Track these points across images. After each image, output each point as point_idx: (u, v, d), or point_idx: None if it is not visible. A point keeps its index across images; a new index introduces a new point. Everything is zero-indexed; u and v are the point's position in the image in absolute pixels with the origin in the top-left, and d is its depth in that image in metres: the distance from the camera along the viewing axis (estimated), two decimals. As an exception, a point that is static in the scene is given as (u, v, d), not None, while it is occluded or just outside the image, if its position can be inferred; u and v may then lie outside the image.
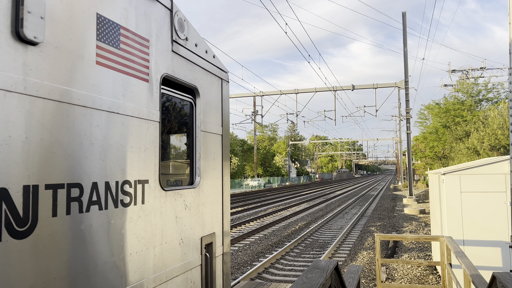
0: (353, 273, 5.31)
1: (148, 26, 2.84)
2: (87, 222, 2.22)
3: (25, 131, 1.87)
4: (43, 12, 1.97)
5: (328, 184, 70.91)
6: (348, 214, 23.57)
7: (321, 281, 3.33)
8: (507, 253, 8.21)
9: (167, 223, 3.00)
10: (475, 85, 36.88)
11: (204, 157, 3.58)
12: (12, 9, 1.83)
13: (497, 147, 26.31)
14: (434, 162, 38.17)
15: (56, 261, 2.01)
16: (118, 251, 2.46)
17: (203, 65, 3.63)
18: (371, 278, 10.01)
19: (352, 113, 38.70)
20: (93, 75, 2.30)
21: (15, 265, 1.81)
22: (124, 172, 2.53)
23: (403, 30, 27.01)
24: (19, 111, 1.84)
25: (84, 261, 2.18)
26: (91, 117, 2.27)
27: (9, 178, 1.79)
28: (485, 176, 8.43)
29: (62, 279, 2.03)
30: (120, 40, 2.55)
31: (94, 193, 2.28)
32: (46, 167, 1.98)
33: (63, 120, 2.09)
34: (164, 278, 2.93)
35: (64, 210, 2.08)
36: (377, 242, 8.36)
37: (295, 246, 14.06)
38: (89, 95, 2.26)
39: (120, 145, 2.50)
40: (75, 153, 2.16)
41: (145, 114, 2.76)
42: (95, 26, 2.34)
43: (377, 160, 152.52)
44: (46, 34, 1.99)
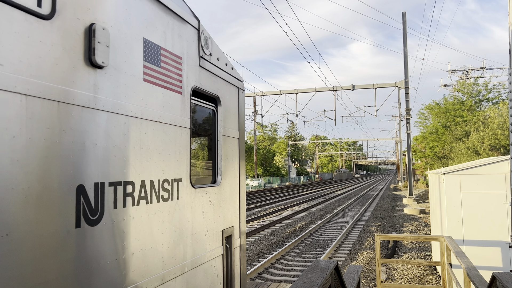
0: (353, 273, 5.31)
1: (181, 46, 3.27)
2: (137, 214, 2.65)
3: (95, 139, 2.29)
4: (108, 41, 2.40)
5: (328, 184, 70.90)
6: (348, 214, 23.57)
7: (321, 281, 3.33)
8: (507, 253, 8.21)
9: (196, 216, 3.43)
10: (475, 85, 36.86)
11: (224, 158, 4.02)
12: (86, 40, 2.24)
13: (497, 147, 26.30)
14: (434, 162, 38.16)
15: (116, 245, 2.45)
16: (161, 240, 2.89)
17: (224, 77, 4.08)
18: (371, 278, 10.01)
19: (352, 113, 38.70)
20: (141, 90, 2.73)
21: (89, 247, 2.23)
22: (164, 172, 2.96)
23: (403, 30, 27.00)
24: (91, 123, 2.26)
25: (134, 246, 2.61)
26: (141, 126, 2.71)
27: (85, 177, 2.21)
28: (485, 176, 8.43)
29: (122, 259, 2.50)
30: (160, 59, 2.98)
31: (143, 189, 2.72)
32: (109, 167, 2.40)
33: (121, 129, 2.52)
34: (194, 264, 3.36)
35: (122, 203, 2.51)
36: (377, 242, 8.36)
37: (295, 246, 14.06)
38: (139, 108, 2.69)
39: (161, 149, 2.93)
40: (129, 156, 2.59)
41: (179, 122, 3.20)
42: (142, 48, 2.77)
43: (377, 160, 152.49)
44: (110, 59, 2.42)
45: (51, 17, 2.05)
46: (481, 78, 40.34)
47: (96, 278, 2.27)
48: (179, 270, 3.12)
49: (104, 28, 2.38)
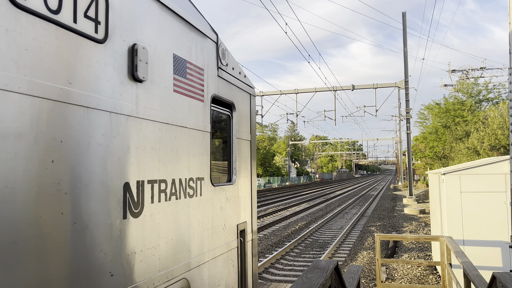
0: (353, 273, 5.31)
1: (203, 58, 3.62)
2: (169, 208, 3.01)
3: (137, 143, 2.66)
4: (147, 58, 2.75)
5: (328, 184, 70.90)
6: (348, 214, 23.57)
7: (321, 281, 3.34)
8: (507, 253, 8.21)
9: (215, 211, 3.79)
10: (475, 85, 36.84)
11: (238, 159, 4.41)
12: (129, 58, 2.60)
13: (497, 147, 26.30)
14: (434, 162, 38.16)
15: (153, 234, 2.81)
16: (187, 231, 3.26)
17: (238, 84, 4.47)
18: (371, 278, 10.01)
19: (352, 113, 38.69)
20: (172, 100, 3.09)
21: (132, 236, 2.60)
22: (190, 171, 3.33)
23: (403, 30, 27.00)
24: (134, 129, 2.62)
25: (167, 236, 2.97)
26: (172, 131, 3.07)
27: (129, 175, 2.57)
28: (485, 176, 8.43)
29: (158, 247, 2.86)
30: (186, 71, 3.34)
31: (173, 187, 3.08)
32: (147, 167, 2.76)
33: (156, 134, 2.88)
34: (215, 254, 3.72)
35: (157, 199, 2.86)
36: (377, 242, 8.36)
37: (295, 246, 14.06)
38: (170, 115, 3.05)
39: (187, 150, 3.29)
40: (163, 157, 2.94)
41: (202, 127, 3.55)
42: (172, 63, 3.12)
43: (377, 160, 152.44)
44: (148, 74, 2.77)
45: (104, 41, 2.41)
46: (481, 78, 40.32)
47: (138, 262, 2.65)
48: (202, 259, 3.49)
49: (144, 47, 2.74)
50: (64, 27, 2.13)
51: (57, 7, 2.09)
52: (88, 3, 2.30)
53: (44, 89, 1.99)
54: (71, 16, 2.18)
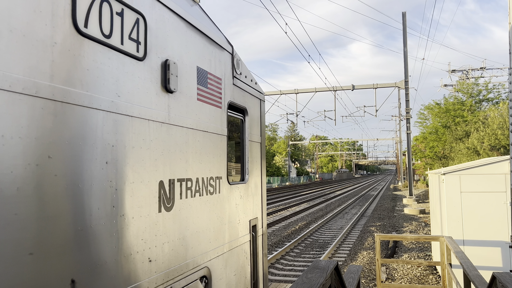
0: (353, 273, 5.31)
1: (220, 69, 3.97)
2: (194, 203, 3.36)
3: (169, 146, 3.02)
4: (177, 72, 3.11)
5: (328, 184, 70.90)
6: (348, 214, 23.57)
7: (321, 281, 3.34)
8: (507, 253, 8.21)
9: (231, 208, 4.14)
10: (475, 85, 36.84)
11: (250, 160, 4.77)
12: (162, 72, 2.96)
13: (497, 147, 26.30)
14: (434, 162, 38.16)
15: (181, 227, 3.17)
16: (208, 225, 3.61)
17: (250, 91, 4.82)
18: (371, 278, 10.01)
19: (352, 113, 38.69)
20: (195, 107, 3.44)
21: (166, 227, 2.95)
22: (210, 171, 3.68)
23: (403, 30, 27.00)
24: (166, 134, 2.99)
25: (192, 229, 3.33)
26: (196, 135, 3.43)
27: (163, 174, 2.93)
28: (485, 176, 8.43)
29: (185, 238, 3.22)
30: (207, 81, 3.67)
31: (197, 185, 3.43)
32: (177, 168, 3.12)
33: (184, 138, 3.25)
34: (231, 246, 4.10)
35: (184, 195, 3.23)
36: (377, 242, 8.36)
37: (295, 246, 14.06)
38: (194, 121, 3.40)
39: (208, 152, 3.64)
40: (189, 159, 3.31)
41: (220, 131, 3.90)
42: (196, 75, 3.46)
43: (377, 160, 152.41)
44: (177, 85, 3.12)
45: (144, 58, 2.75)
46: (481, 78, 40.31)
47: (170, 251, 3.02)
48: (221, 250, 3.85)
49: (174, 62, 3.10)
50: (114, 48, 2.49)
51: (109, 32, 2.44)
52: (131, 26, 2.65)
53: (100, 102, 2.34)
54: (119, 39, 2.54)
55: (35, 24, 1.95)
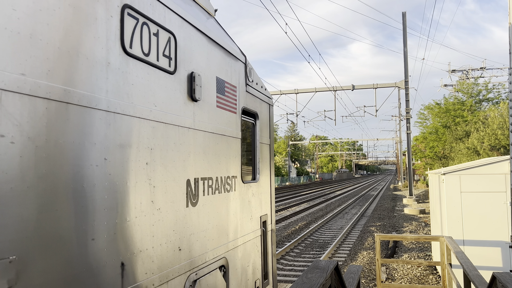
0: (353, 273, 5.31)
1: (235, 77, 4.31)
2: (214, 199, 3.70)
3: (194, 149, 3.38)
4: (201, 83, 3.47)
5: (328, 184, 70.89)
6: (348, 214, 23.57)
7: (321, 281, 3.34)
8: (507, 253, 8.21)
9: (245, 204, 4.49)
10: (475, 85, 36.84)
11: (261, 160, 5.12)
12: (189, 84, 3.32)
13: (497, 147, 26.30)
14: (434, 162, 38.16)
15: (204, 220, 3.50)
16: (226, 219, 3.94)
17: (260, 97, 5.19)
18: (371, 278, 10.01)
19: (352, 113, 38.70)
20: (215, 114, 3.78)
21: (191, 220, 3.29)
22: (227, 171, 4.01)
23: (403, 30, 27.00)
24: (191, 139, 3.33)
25: (213, 222, 3.67)
26: (215, 139, 3.77)
27: (190, 174, 3.29)
28: (485, 176, 8.44)
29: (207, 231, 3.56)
30: (225, 90, 4.02)
31: (216, 183, 3.76)
32: (200, 168, 3.46)
33: (206, 141, 3.56)
34: (245, 240, 4.45)
35: (206, 192, 3.56)
36: (377, 242, 8.36)
37: (295, 246, 14.06)
38: (214, 126, 3.74)
39: (225, 154, 3.98)
40: (210, 160, 3.63)
41: (235, 134, 4.23)
42: (215, 84, 3.80)
43: (377, 160, 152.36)
44: (201, 95, 3.47)
45: (174, 72, 3.10)
46: (481, 78, 40.31)
47: (195, 241, 3.34)
48: (236, 243, 4.20)
49: (199, 74, 3.45)
50: (152, 65, 2.82)
51: (148, 50, 2.78)
52: (164, 45, 2.99)
53: (142, 111, 2.69)
54: (155, 56, 2.86)
55: (95, 48, 2.30)
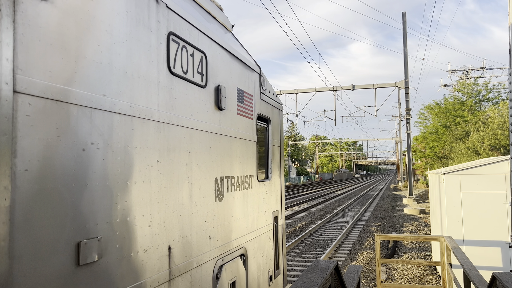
0: (353, 273, 5.31)
1: (252, 87, 4.80)
2: (235, 196, 4.17)
3: (220, 151, 3.83)
4: (226, 94, 3.95)
5: (328, 184, 70.87)
6: (348, 214, 23.57)
7: (321, 281, 3.34)
8: (507, 253, 8.21)
9: (260, 200, 4.96)
10: (475, 85, 36.82)
11: (272, 161, 5.63)
12: (216, 95, 3.78)
13: (497, 147, 26.30)
14: (434, 162, 38.15)
15: (228, 213, 3.98)
16: (245, 213, 4.43)
17: (272, 103, 5.67)
18: (371, 278, 10.01)
19: (352, 113, 38.70)
20: (236, 120, 4.25)
21: (219, 213, 3.78)
22: (245, 170, 4.48)
23: (403, 30, 27.00)
24: (218, 142, 3.80)
25: (234, 215, 4.13)
26: (236, 142, 4.24)
27: (217, 173, 3.76)
28: (485, 176, 8.44)
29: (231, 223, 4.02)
30: (243, 98, 4.49)
31: (237, 181, 4.23)
32: (225, 167, 3.93)
33: (229, 145, 4.05)
34: (260, 232, 4.92)
35: (230, 189, 4.03)
36: (377, 242, 8.36)
37: (295, 246, 14.05)
38: (235, 131, 4.22)
39: (244, 155, 4.44)
40: (232, 160, 4.12)
41: (251, 138, 4.70)
42: (236, 94, 4.27)
43: (377, 160, 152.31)
44: (225, 104, 3.95)
45: (205, 86, 3.57)
46: (481, 78, 40.30)
47: (221, 232, 3.80)
48: (253, 235, 4.68)
49: (224, 86, 3.93)
50: (189, 81, 3.29)
51: (186, 69, 3.26)
52: (198, 63, 3.46)
53: (183, 121, 3.18)
54: (191, 73, 3.34)
55: (150, 70, 2.77)
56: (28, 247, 1.83)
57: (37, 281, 1.84)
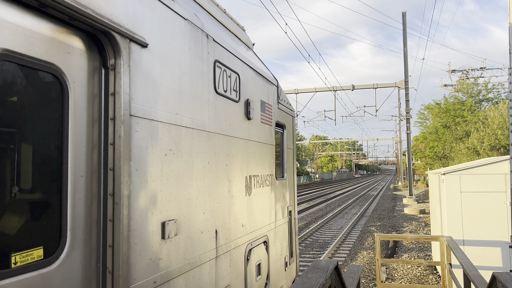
0: (353, 273, 5.31)
1: (271, 98, 5.44)
2: (259, 191, 4.77)
3: (249, 154, 4.46)
4: (253, 106, 4.58)
5: (328, 184, 70.86)
6: (348, 214, 23.57)
7: (321, 281, 3.34)
8: (507, 253, 8.21)
9: (278, 196, 5.58)
10: (475, 85, 36.83)
11: (287, 162, 6.25)
12: (245, 107, 4.38)
13: (497, 147, 26.30)
14: (434, 162, 38.15)
15: (254, 205, 4.59)
16: (266, 207, 5.04)
17: (286, 111, 6.33)
18: (371, 278, 10.01)
19: (352, 113, 38.71)
20: (260, 127, 4.87)
21: (248, 205, 4.40)
22: (266, 170, 5.08)
23: (403, 30, 27.00)
24: (247, 147, 4.42)
25: (258, 208, 4.72)
26: (260, 146, 4.86)
27: (247, 172, 4.39)
28: (485, 176, 8.44)
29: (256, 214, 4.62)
30: (265, 109, 5.12)
31: (261, 179, 4.84)
32: (252, 168, 4.55)
33: (255, 148, 4.67)
34: (278, 224, 5.53)
35: (256, 186, 4.68)
36: (377, 242, 8.36)
37: (295, 246, 14.05)
38: (259, 136, 4.83)
39: (265, 157, 5.04)
40: (257, 161, 4.71)
41: (270, 142, 5.30)
42: (260, 105, 4.90)
43: (377, 160, 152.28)
44: (253, 115, 4.56)
45: (238, 101, 4.21)
46: (481, 78, 40.29)
47: (250, 221, 4.45)
48: (272, 226, 5.27)
49: (252, 100, 4.57)
50: (228, 98, 3.93)
51: (226, 88, 3.90)
52: (234, 82, 4.09)
53: (224, 130, 3.81)
54: (229, 91, 3.99)
55: (203, 92, 3.45)
56: (138, 224, 2.53)
57: (142, 247, 2.57)
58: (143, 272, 2.58)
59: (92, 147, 2.36)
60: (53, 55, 2.12)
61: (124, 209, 2.40)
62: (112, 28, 2.36)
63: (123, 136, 2.42)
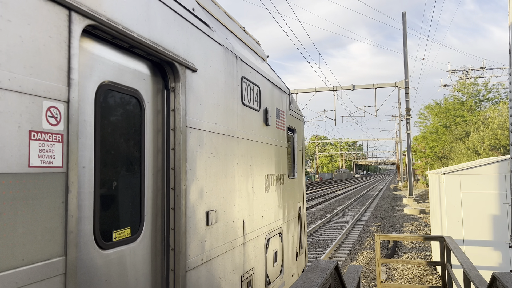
0: (353, 273, 5.31)
1: (284, 105, 5.94)
2: (274, 188, 5.26)
3: (267, 155, 4.99)
4: (270, 114, 5.07)
5: (328, 184, 70.83)
6: (348, 214, 23.57)
7: (321, 281, 3.34)
8: (507, 253, 8.21)
9: (290, 193, 6.11)
10: (475, 85, 36.80)
11: (297, 162, 6.87)
12: (263, 115, 4.90)
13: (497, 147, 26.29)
14: (434, 162, 38.14)
15: (271, 201, 5.11)
16: (281, 202, 5.54)
17: (297, 116, 6.93)
18: (371, 278, 10.01)
19: (352, 113, 38.71)
20: (275, 132, 5.38)
21: (267, 200, 4.95)
22: (280, 170, 5.57)
23: (403, 30, 27.00)
24: (265, 149, 4.92)
25: (274, 204, 5.23)
26: (275, 148, 5.34)
27: (266, 171, 4.89)
28: (485, 176, 8.44)
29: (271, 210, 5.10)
30: (280, 115, 5.63)
31: (275, 177, 5.33)
32: (269, 168, 5.05)
33: (272, 150, 5.17)
34: (290, 218, 6.05)
35: (273, 183, 5.21)
36: (377, 242, 8.36)
37: (295, 246, 14.04)
38: (275, 140, 5.33)
39: (280, 158, 5.54)
40: (273, 162, 5.22)
41: (284, 145, 5.79)
42: (275, 112, 5.40)
43: (377, 160, 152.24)
44: (270, 121, 5.05)
45: (259, 110, 4.73)
46: (481, 78, 40.27)
47: (268, 214, 4.95)
48: (285, 219, 5.77)
49: (270, 109, 5.10)
50: (251, 107, 4.48)
51: (249, 99, 4.46)
52: (255, 94, 4.65)
53: (248, 135, 4.37)
54: (252, 102, 4.54)
55: (233, 104, 4.01)
56: (191, 213, 3.14)
57: (194, 231, 3.17)
58: (195, 250, 3.17)
59: (157, 151, 2.97)
60: (135, 82, 2.75)
61: (182, 200, 3.01)
62: (174, 59, 2.96)
63: (182, 143, 3.05)
